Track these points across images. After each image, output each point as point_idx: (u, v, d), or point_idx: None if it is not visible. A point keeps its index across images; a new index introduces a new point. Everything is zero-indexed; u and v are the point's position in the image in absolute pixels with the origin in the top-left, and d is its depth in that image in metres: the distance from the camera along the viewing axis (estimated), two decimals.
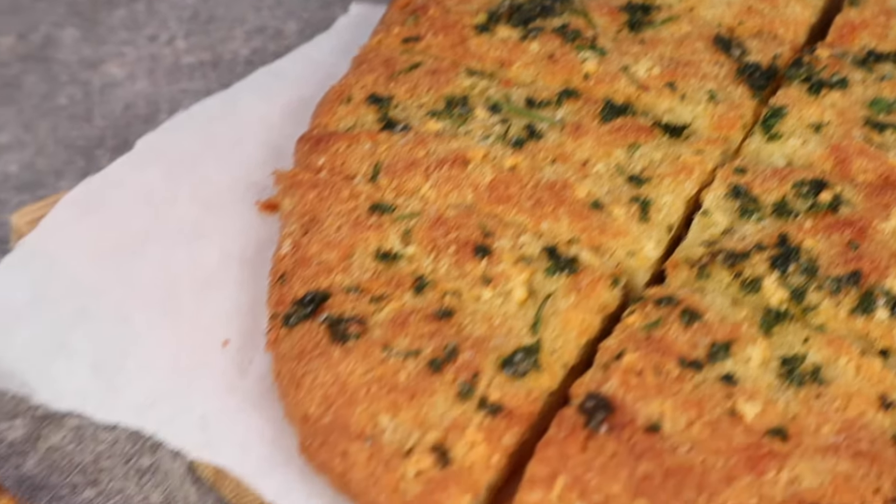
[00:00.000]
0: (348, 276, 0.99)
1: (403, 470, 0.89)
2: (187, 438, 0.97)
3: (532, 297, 0.97)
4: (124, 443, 1.05)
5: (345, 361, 0.94)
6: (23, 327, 1.04)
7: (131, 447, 1.04)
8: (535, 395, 0.92)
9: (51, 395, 1.02)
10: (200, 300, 1.05)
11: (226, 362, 1.01)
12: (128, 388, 1.00)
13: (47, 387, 1.02)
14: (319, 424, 0.92)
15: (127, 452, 1.04)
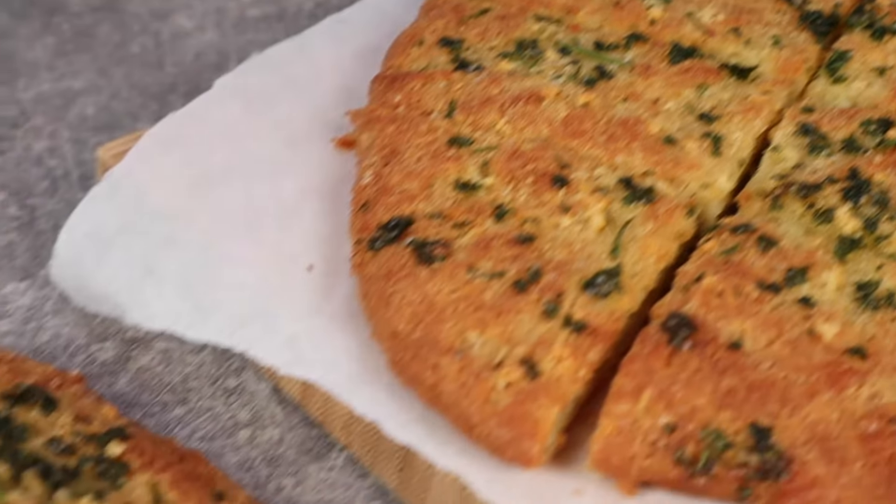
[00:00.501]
0: (430, 203, 0.98)
1: (494, 381, 0.88)
2: (277, 356, 0.96)
3: (610, 224, 0.97)
4: (210, 365, 1.04)
5: (431, 281, 0.93)
6: (113, 253, 1.03)
7: (217, 369, 1.03)
8: (617, 315, 0.91)
9: (142, 317, 1.01)
10: (283, 229, 1.04)
11: (311, 286, 1.00)
12: (217, 310, 0.99)
13: (139, 309, 1.01)
14: (409, 340, 0.91)
15: (213, 374, 1.03)
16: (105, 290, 1.03)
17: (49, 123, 1.23)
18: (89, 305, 1.05)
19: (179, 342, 1.05)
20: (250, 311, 0.98)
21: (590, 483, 0.88)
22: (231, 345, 0.97)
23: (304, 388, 0.99)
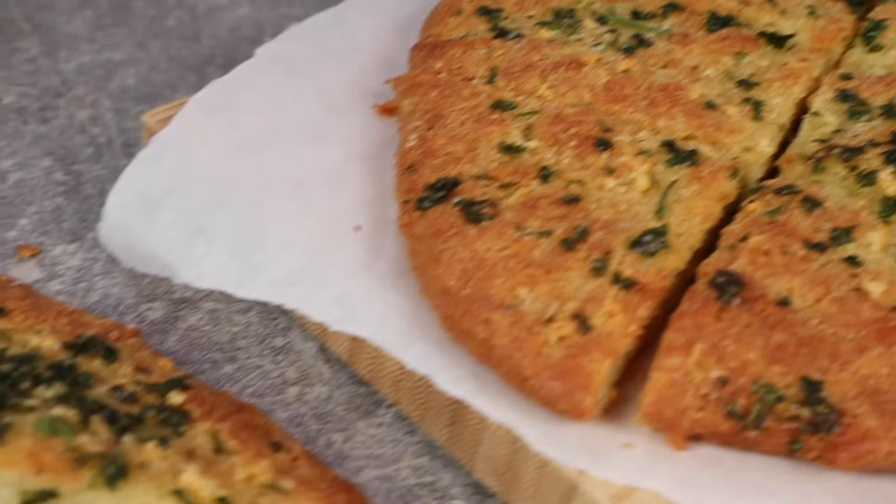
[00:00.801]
0: (475, 165, 0.97)
1: (546, 336, 0.87)
2: (327, 314, 0.95)
3: (654, 186, 0.96)
4: (257, 325, 1.02)
5: (480, 239, 0.92)
6: (162, 214, 1.02)
7: (264, 329, 1.02)
8: (665, 273, 0.90)
9: (192, 276, 1.00)
10: (329, 191, 1.03)
11: (359, 246, 0.99)
12: (266, 268, 0.98)
13: (188, 268, 1.00)
14: (460, 296, 0.90)
15: (260, 333, 1.02)
16: (154, 251, 1.02)
17: (91, 93, 1.22)
18: (138, 266, 1.04)
19: (227, 302, 1.04)
20: (300, 269, 0.97)
21: (640, 437, 0.87)
22: (281, 302, 0.96)
23: (351, 347, 0.97)
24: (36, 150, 1.15)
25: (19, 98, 1.20)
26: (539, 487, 0.87)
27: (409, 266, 0.97)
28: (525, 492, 0.88)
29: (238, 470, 0.81)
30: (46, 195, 1.11)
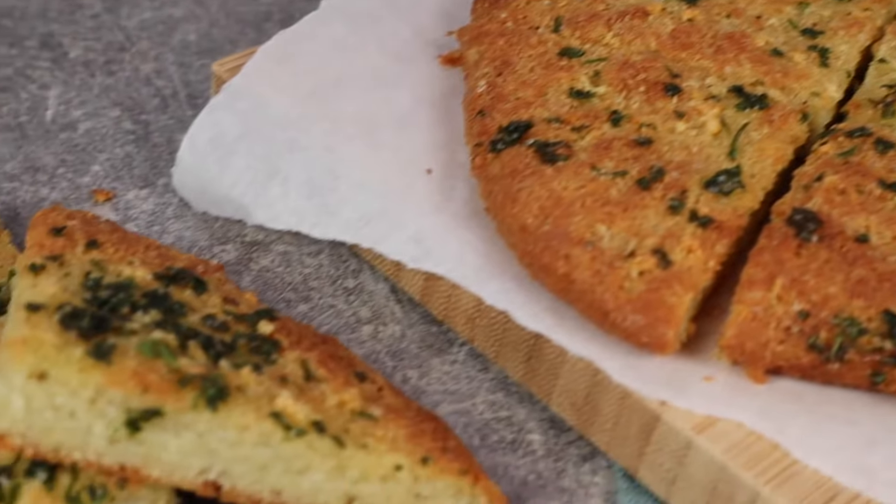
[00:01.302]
0: (546, 109, 0.95)
1: (627, 270, 0.84)
2: (403, 252, 0.92)
3: (724, 129, 0.93)
4: (328, 267, 1.00)
5: (557, 179, 0.89)
6: (236, 158, 0.99)
7: (335, 270, 1.00)
8: (740, 212, 0.88)
9: (267, 217, 0.97)
10: (399, 136, 1.00)
11: (431, 187, 0.96)
12: (342, 209, 0.95)
13: (263, 210, 0.97)
14: (539, 233, 0.87)
15: (332, 275, 0.99)
16: (228, 194, 0.99)
17: (154, 48, 1.19)
18: (211, 209, 1.01)
19: (297, 245, 1.01)
20: (375, 209, 0.95)
21: (719, 370, 0.85)
22: (357, 241, 0.94)
23: (425, 286, 0.95)
24: (104, 100, 1.12)
25: (85, 52, 1.17)
26: (619, 419, 0.84)
27: (482, 207, 0.94)
28: (604, 424, 0.85)
29: (329, 397, 0.78)
30: (116, 143, 1.08)
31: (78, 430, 0.73)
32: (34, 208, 1.02)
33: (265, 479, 0.76)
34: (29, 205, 1.02)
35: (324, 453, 0.75)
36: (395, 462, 0.77)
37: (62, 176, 1.05)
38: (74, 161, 1.06)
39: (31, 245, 0.81)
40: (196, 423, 0.74)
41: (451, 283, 0.92)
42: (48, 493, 0.74)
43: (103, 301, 0.76)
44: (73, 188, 1.04)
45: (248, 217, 0.98)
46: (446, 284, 0.93)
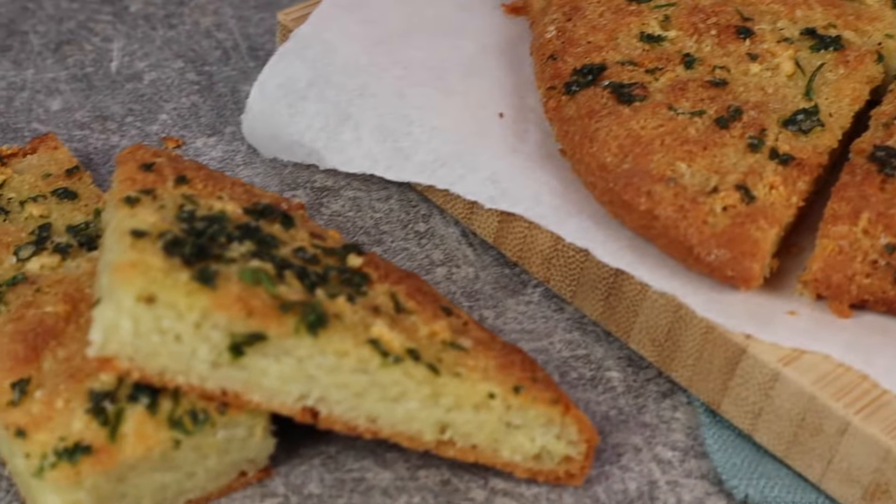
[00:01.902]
0: (618, 53, 0.96)
1: (711, 205, 0.85)
2: (480, 192, 0.94)
3: (799, 70, 0.94)
4: (398, 212, 1.01)
5: (635, 118, 0.91)
6: (307, 104, 1.00)
7: (405, 215, 1.01)
8: (820, 150, 0.89)
9: (340, 161, 0.99)
10: (468, 82, 1.01)
11: (504, 131, 0.98)
12: (416, 152, 0.97)
13: (336, 154, 0.99)
14: (619, 171, 0.89)
15: (402, 219, 1.00)
16: (300, 139, 1.00)
17: (212, 2, 1.20)
18: (281, 155, 1.02)
19: (367, 191, 1.02)
20: (449, 152, 0.96)
21: (803, 305, 0.86)
22: (432, 183, 0.95)
23: (499, 228, 0.96)
24: (167, 52, 1.13)
25: (145, 6, 1.18)
26: (702, 354, 0.86)
27: (556, 150, 0.96)
28: (686, 360, 0.87)
29: (420, 327, 0.80)
30: (182, 93, 1.10)
31: (182, 354, 0.74)
32: (105, 155, 1.03)
33: (361, 406, 0.77)
34: (100, 151, 1.03)
35: (419, 380, 0.77)
36: (489, 390, 0.78)
37: (131, 124, 1.06)
38: (142, 110, 1.08)
39: (122, 180, 0.82)
40: (297, 348, 0.75)
41: (526, 224, 0.94)
42: (151, 417, 0.75)
43: (199, 232, 0.77)
44: (142, 136, 1.05)
45: (320, 162, 1.00)
46: (521, 225, 0.94)
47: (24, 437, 0.74)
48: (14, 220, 0.89)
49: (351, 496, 0.81)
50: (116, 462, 0.74)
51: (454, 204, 0.99)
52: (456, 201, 0.98)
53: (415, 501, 0.81)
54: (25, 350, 0.78)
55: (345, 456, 0.83)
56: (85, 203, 0.90)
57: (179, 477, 0.77)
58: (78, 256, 0.85)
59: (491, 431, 0.79)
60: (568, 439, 0.80)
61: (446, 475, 0.82)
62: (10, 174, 0.92)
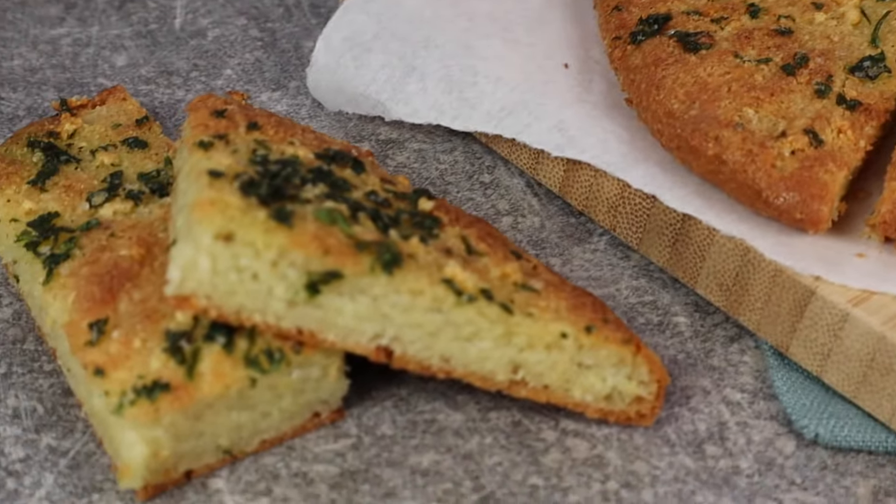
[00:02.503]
0: (683, 3, 0.97)
1: (779, 149, 0.86)
2: (547, 140, 0.95)
3: (864, 19, 0.94)
4: (463, 163, 1.02)
5: (701, 66, 0.91)
6: (372, 56, 1.02)
7: (470, 167, 1.02)
8: (887, 95, 0.90)
9: (405, 112, 1.00)
10: (533, 34, 1.02)
11: (569, 81, 0.99)
12: (482, 101, 0.98)
13: (402, 105, 1.00)
14: (686, 117, 0.89)
15: (467, 171, 1.02)
16: (365, 91, 1.02)
17: None
18: (346, 108, 1.04)
19: (431, 143, 1.04)
20: (515, 102, 0.97)
21: (871, 248, 0.87)
22: (499, 132, 0.96)
23: (564, 177, 0.97)
24: (229, 10, 1.15)
25: None
26: (770, 297, 0.87)
27: (621, 100, 0.97)
28: (754, 303, 0.88)
29: (492, 269, 0.81)
30: (245, 49, 1.11)
31: (259, 292, 0.76)
32: (171, 108, 1.05)
33: (435, 345, 0.79)
34: (166, 105, 1.05)
35: (492, 320, 0.78)
36: (561, 330, 0.79)
37: (196, 79, 1.08)
38: (206, 66, 1.09)
39: (194, 126, 0.84)
40: (372, 287, 0.76)
41: (592, 172, 0.95)
42: (228, 356, 0.77)
43: (273, 174, 0.79)
44: (207, 90, 1.07)
45: (386, 113, 1.01)
46: (587, 173, 0.95)
47: (103, 376, 0.76)
48: (85, 168, 0.91)
49: (423, 437, 0.82)
50: (194, 400, 0.76)
51: (519, 154, 1.00)
52: (521, 151, 0.99)
53: (486, 442, 0.82)
54: (102, 292, 0.80)
55: (416, 398, 0.85)
56: (155, 152, 0.92)
57: (254, 416, 0.79)
58: (150, 203, 0.87)
59: (562, 371, 0.81)
60: (639, 379, 0.81)
61: (517, 416, 0.84)
62: (81, 124, 0.94)
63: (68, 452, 0.80)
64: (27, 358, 0.85)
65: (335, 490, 0.79)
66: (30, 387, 0.84)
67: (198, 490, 0.78)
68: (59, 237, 0.85)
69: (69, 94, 1.06)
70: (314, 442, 0.82)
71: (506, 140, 1.00)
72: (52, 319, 0.81)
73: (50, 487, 0.78)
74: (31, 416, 0.82)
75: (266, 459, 0.80)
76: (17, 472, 0.79)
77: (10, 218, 0.87)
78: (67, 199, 0.88)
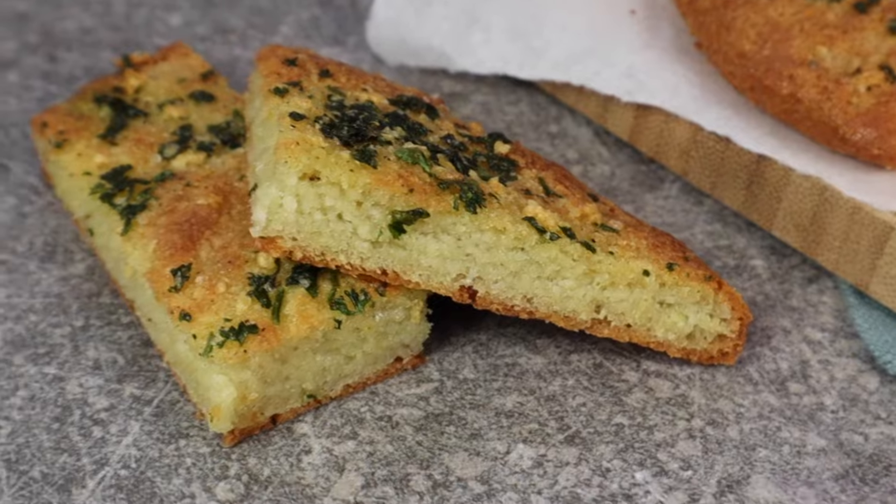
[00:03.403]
0: None
1: (854, 86, 0.88)
2: (618, 86, 0.97)
3: None
4: (529, 114, 1.05)
5: (772, 6, 0.94)
6: (435, 8, 1.04)
7: (536, 117, 1.04)
8: None
9: (471, 63, 1.03)
10: None
11: (636, 28, 1.01)
12: (548, 50, 1.00)
13: (467, 56, 1.03)
14: (759, 57, 0.92)
15: (534, 121, 1.04)
16: (428, 43, 1.04)
17: None
18: (408, 61, 1.07)
19: (495, 95, 1.06)
20: (582, 49, 0.99)
21: None
22: (567, 79, 0.99)
23: (634, 125, 0.99)
24: None
25: None
26: (848, 235, 0.89)
27: (690, 44, 0.99)
28: (832, 242, 0.90)
29: (571, 209, 0.83)
30: (301, 7, 1.14)
31: (344, 232, 0.79)
32: (229, 65, 1.08)
33: (518, 285, 0.81)
34: (224, 63, 1.08)
35: (574, 258, 0.81)
36: (643, 267, 0.82)
37: (252, 37, 1.11)
38: (262, 23, 1.12)
39: (266, 74, 0.87)
40: (455, 225, 0.79)
41: (663, 117, 0.97)
42: (312, 299, 0.80)
43: (351, 118, 0.81)
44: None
45: (450, 65, 1.04)
46: (658, 119, 0.97)
47: (190, 321, 0.79)
48: (154, 121, 0.93)
49: (505, 379, 0.85)
50: (281, 341, 0.78)
51: (587, 103, 1.02)
52: (589, 100, 1.02)
53: (569, 384, 0.85)
54: (182, 239, 0.83)
55: (496, 343, 0.87)
56: (223, 104, 0.95)
57: (338, 360, 0.82)
58: (222, 153, 0.90)
59: (645, 310, 0.83)
60: (721, 317, 0.84)
61: (598, 359, 0.86)
62: (146, 80, 0.97)
63: (152, 401, 0.83)
64: (104, 311, 0.88)
65: (420, 432, 0.81)
66: (109, 339, 0.86)
67: (284, 434, 0.81)
68: (135, 188, 0.87)
69: (124, 54, 1.09)
70: (396, 387, 0.84)
71: (573, 89, 1.02)
72: (131, 268, 0.84)
73: (136, 434, 0.81)
74: (113, 367, 0.85)
75: (350, 404, 0.83)
76: (102, 420, 0.82)
77: (82, 171, 0.90)
78: (139, 151, 0.91)
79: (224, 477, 0.79)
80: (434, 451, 0.80)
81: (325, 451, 0.80)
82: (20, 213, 0.95)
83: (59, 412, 0.82)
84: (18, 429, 0.81)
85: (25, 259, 0.92)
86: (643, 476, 0.79)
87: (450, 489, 0.78)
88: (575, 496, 0.78)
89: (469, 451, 0.80)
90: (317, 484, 0.78)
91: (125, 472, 0.79)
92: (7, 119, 1.03)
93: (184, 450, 0.80)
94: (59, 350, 0.86)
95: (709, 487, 0.79)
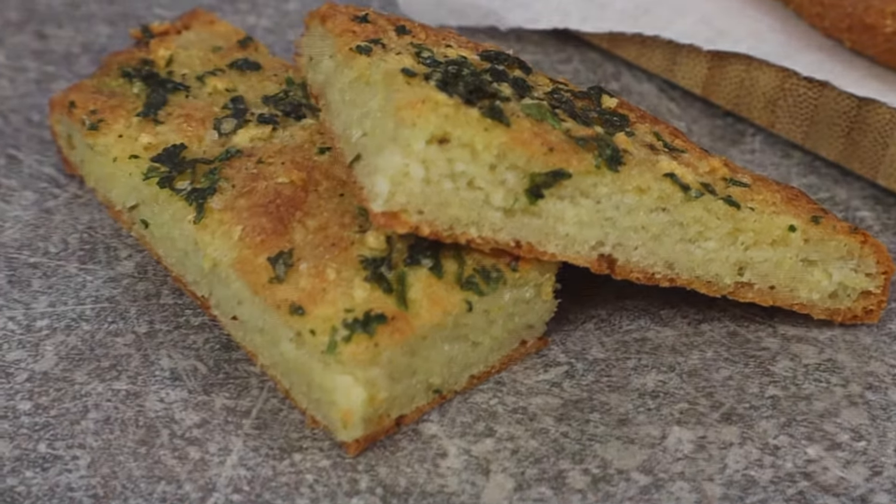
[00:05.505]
0: None
1: None
2: (695, 34, 0.89)
3: None
4: (585, 72, 0.97)
5: None
6: None
7: (593, 75, 0.96)
8: None
9: (525, 18, 0.94)
10: None
11: None
12: (613, 1, 0.92)
13: (520, 11, 0.94)
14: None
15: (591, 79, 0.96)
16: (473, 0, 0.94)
17: None
18: (448, 21, 0.97)
19: (545, 54, 0.97)
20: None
21: None
22: (637, 30, 0.90)
23: (708, 76, 0.91)
24: None
25: None
26: None
27: None
28: None
29: (699, 164, 0.75)
30: None
31: (475, 201, 0.69)
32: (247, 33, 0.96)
33: (659, 250, 0.72)
34: None
35: (719, 216, 0.72)
36: (789, 222, 0.73)
37: (265, 4, 1.00)
38: None
39: (339, 33, 0.76)
40: (598, 186, 0.69)
41: (744, 67, 0.89)
42: (438, 280, 0.69)
43: (454, 74, 0.71)
44: (280, 14, 0.99)
45: (500, 22, 0.94)
46: (738, 68, 0.90)
47: (303, 314, 0.68)
48: (197, 94, 0.82)
49: (639, 357, 0.76)
50: (414, 329, 0.68)
51: (651, 56, 0.94)
52: (653, 53, 0.93)
53: (708, 356, 0.76)
54: (272, 223, 0.72)
55: (618, 318, 0.78)
56: (273, 73, 0.84)
57: (465, 348, 0.72)
58: (287, 126, 0.79)
59: (788, 269, 0.75)
60: (866, 271, 0.76)
61: (731, 326, 0.78)
62: (175, 50, 0.85)
63: (250, 412, 0.71)
64: (169, 313, 0.76)
65: (563, 422, 0.72)
66: (182, 344, 0.75)
67: (412, 438, 0.71)
68: (197, 170, 0.76)
69: (123, 28, 0.96)
70: (523, 374, 0.74)
71: (634, 42, 0.94)
72: (211, 260, 0.72)
73: (241, 452, 0.69)
74: (194, 377, 0.73)
75: (476, 398, 0.73)
76: (196, 438, 0.70)
77: (128, 154, 0.78)
78: (190, 128, 0.79)
79: (355, 492, 0.68)
80: (583, 442, 0.71)
81: (462, 452, 0.70)
82: (43, 209, 0.82)
83: (144, 433, 0.70)
84: (99, 457, 0.69)
85: (62, 261, 0.79)
86: (816, 451, 0.71)
87: (612, 483, 0.69)
88: (750, 479, 0.69)
89: (622, 439, 0.71)
90: (463, 491, 0.68)
91: (238, 498, 0.67)
92: (4, 105, 0.90)
93: (301, 465, 0.69)
94: (126, 362, 0.73)
95: (888, 458, 0.71)
